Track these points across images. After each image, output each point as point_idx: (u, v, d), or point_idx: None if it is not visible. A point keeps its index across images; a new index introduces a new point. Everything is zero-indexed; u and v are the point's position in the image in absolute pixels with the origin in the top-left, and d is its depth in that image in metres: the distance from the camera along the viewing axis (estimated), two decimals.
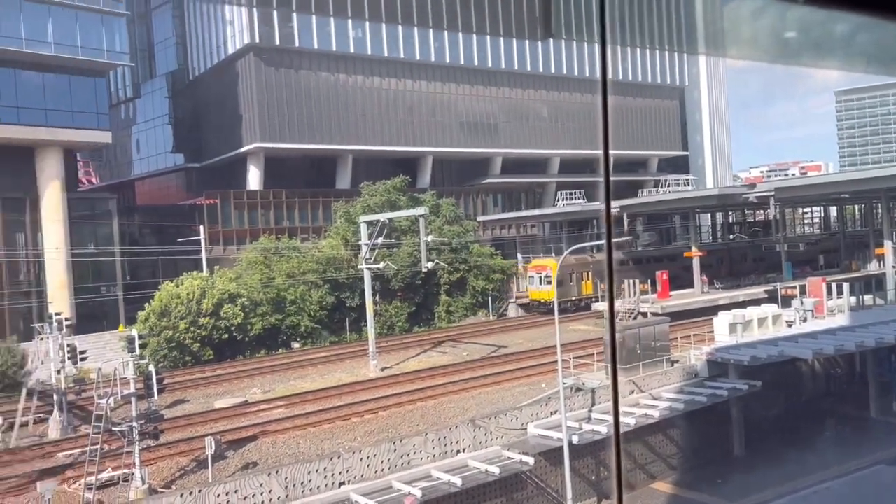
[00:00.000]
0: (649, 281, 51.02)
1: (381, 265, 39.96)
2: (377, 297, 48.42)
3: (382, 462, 23.12)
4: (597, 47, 1.81)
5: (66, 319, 32.09)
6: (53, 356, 29.41)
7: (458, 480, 22.33)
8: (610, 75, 78.22)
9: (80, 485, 21.67)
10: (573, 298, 54.87)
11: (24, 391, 29.61)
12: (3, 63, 46.82)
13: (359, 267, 41.96)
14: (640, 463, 28.96)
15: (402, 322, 52.79)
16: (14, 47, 45.84)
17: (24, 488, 21.73)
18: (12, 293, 47.62)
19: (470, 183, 74.76)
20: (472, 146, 73.19)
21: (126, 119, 77.33)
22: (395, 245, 50.47)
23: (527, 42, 70.27)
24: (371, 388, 33.37)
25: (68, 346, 28.97)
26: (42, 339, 32.12)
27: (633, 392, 29.72)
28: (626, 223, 58.04)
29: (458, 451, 24.69)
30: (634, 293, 48.29)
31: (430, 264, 38.74)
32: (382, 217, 39.66)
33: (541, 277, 54.21)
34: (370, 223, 39.49)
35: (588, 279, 55.52)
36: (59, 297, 46.75)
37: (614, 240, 41.98)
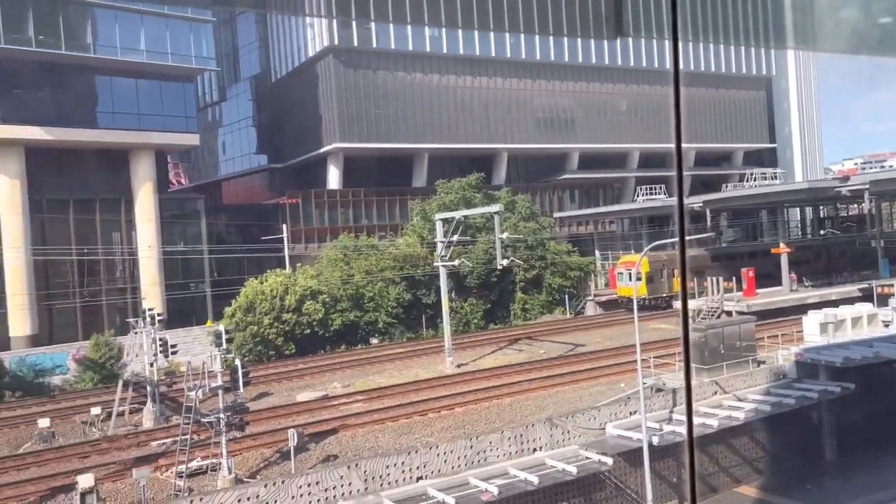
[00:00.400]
0: (734, 278, 49.38)
1: (457, 262, 40.11)
2: (453, 294, 48.70)
3: (459, 458, 23.26)
4: (669, 44, 1.79)
5: (159, 315, 33.57)
6: (147, 349, 30.82)
7: (534, 479, 22.21)
8: (691, 67, 75.77)
9: (171, 472, 22.74)
10: (664, 295, 53.64)
11: (120, 382, 31.27)
12: (101, 71, 49.62)
13: (434, 264, 42.29)
14: (723, 466, 28.11)
15: (477, 319, 52.90)
16: (110, 55, 48.44)
17: (122, 474, 22.96)
18: (109, 289, 50.39)
19: (546, 179, 74.09)
20: (549, 142, 72.51)
21: (213, 122, 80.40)
22: (471, 242, 50.58)
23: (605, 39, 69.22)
24: (447, 384, 33.59)
25: (160, 340, 30.31)
26: (136, 333, 33.70)
27: (716, 393, 28.85)
28: (708, 218, 56.25)
29: (534, 450, 24.57)
30: (718, 291, 46.84)
31: (505, 261, 38.66)
32: (458, 215, 39.81)
33: (631, 274, 53.23)
34: (446, 221, 39.70)
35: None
36: (151, 294, 49.14)
37: (696, 236, 40.81)
